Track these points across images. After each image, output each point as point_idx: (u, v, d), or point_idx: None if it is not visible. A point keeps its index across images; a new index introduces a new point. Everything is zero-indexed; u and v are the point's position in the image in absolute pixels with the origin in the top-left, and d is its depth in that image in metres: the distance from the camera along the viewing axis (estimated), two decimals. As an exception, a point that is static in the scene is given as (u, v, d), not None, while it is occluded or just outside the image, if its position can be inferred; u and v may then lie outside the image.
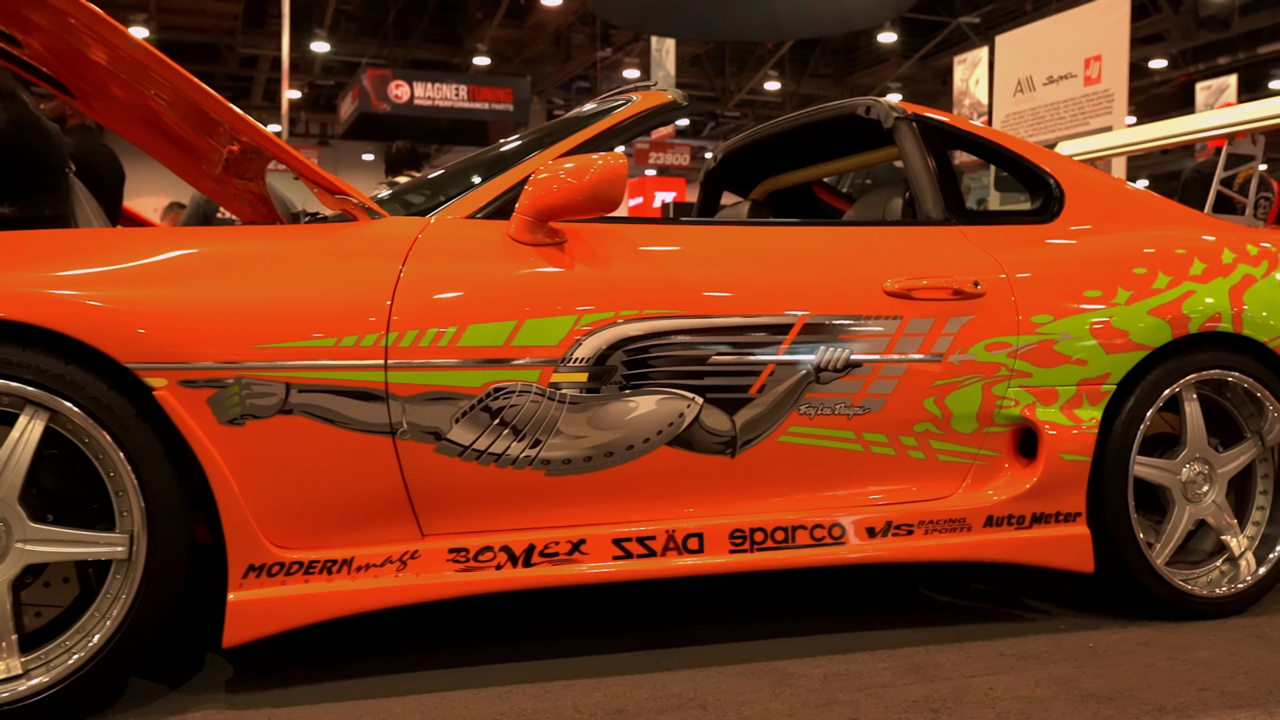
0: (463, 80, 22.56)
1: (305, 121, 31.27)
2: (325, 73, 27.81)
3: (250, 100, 29.11)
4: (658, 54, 20.89)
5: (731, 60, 27.01)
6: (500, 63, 26.37)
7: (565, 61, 26.19)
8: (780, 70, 26.98)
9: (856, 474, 2.55)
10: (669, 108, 2.67)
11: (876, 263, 2.60)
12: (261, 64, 27.35)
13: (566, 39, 25.81)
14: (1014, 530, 2.63)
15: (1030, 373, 2.64)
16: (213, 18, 23.86)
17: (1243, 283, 2.87)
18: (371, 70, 22.06)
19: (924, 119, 2.89)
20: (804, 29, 19.02)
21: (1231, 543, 2.90)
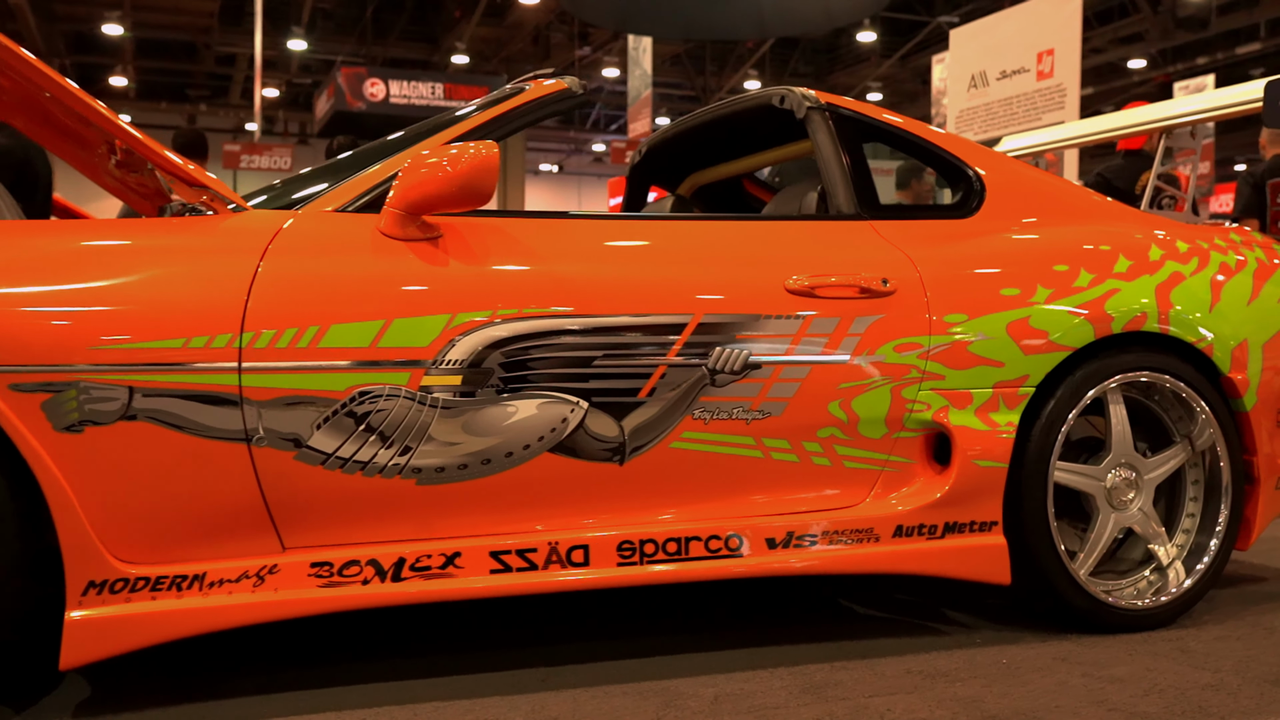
0: (439, 79, 22.40)
1: (284, 120, 31.06)
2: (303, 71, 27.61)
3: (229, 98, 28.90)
4: (634, 52, 20.80)
5: (712, 59, 26.92)
6: (479, 61, 26.23)
7: (544, 60, 26.05)
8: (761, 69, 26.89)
9: (756, 482, 2.41)
10: (561, 97, 2.54)
11: (778, 259, 2.47)
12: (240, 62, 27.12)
13: (545, 38, 25.68)
14: (925, 540, 2.50)
15: (943, 375, 2.51)
16: (190, 15, 23.65)
17: (1170, 280, 2.75)
18: (346, 68, 21.90)
19: (837, 109, 2.76)
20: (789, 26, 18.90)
21: (1159, 552, 2.78)
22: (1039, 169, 2.94)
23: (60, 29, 23.82)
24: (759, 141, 3.32)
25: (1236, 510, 2.80)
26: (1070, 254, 2.70)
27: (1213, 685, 2.29)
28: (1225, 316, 2.79)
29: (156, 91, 28.38)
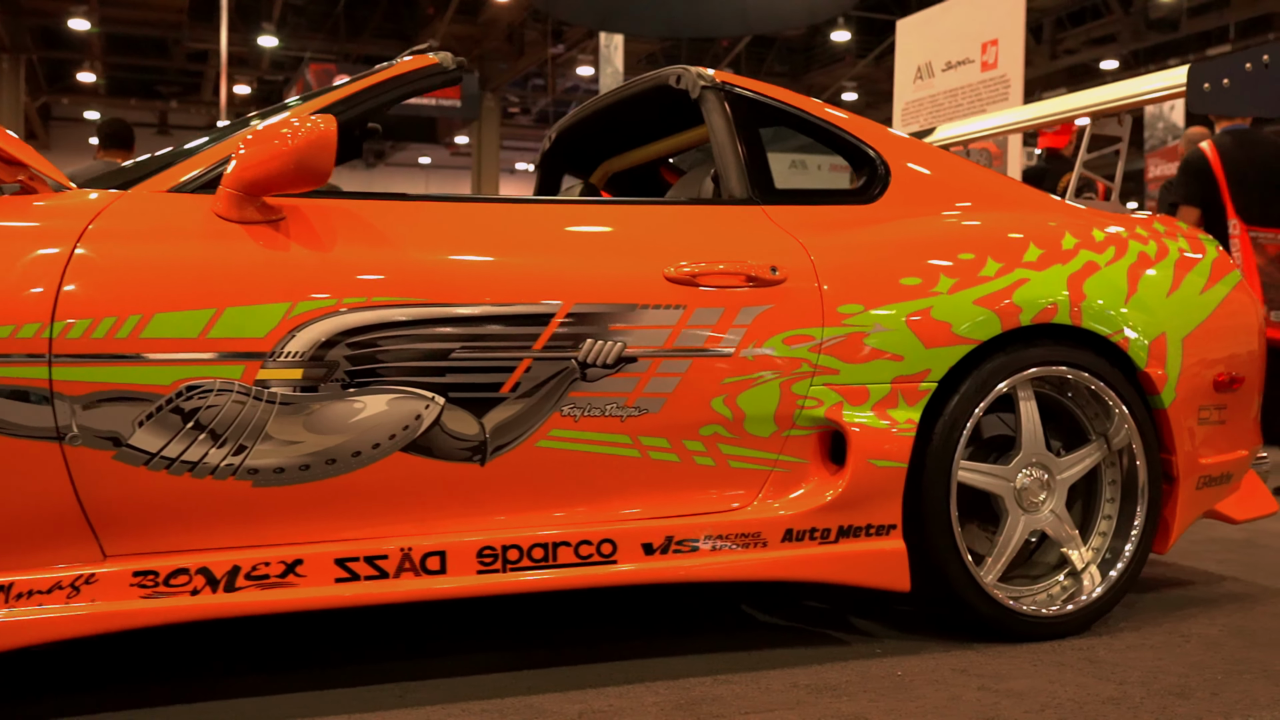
0: (407, 75, 22.12)
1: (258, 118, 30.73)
2: (275, 68, 27.35)
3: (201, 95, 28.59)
4: (606, 50, 20.61)
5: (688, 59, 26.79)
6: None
7: (518, 58, 25.89)
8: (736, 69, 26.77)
9: (632, 483, 2.26)
10: (431, 72, 2.39)
11: (659, 246, 2.31)
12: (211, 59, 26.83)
13: (520, 35, 25.51)
14: (818, 545, 2.35)
15: (837, 369, 2.36)
16: (159, 10, 23.37)
17: (1084, 270, 2.61)
18: (315, 65, 21.69)
19: (733, 88, 2.61)
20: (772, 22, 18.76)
21: (1073, 556, 2.63)
22: (951, 154, 2.79)
23: (26, 23, 23.52)
24: (668, 125, 3.17)
25: (1154, 512, 2.66)
26: (977, 242, 2.55)
27: (1114, 699, 2.14)
28: (1143, 308, 2.66)
29: (126, 88, 28.10)
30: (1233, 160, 4.87)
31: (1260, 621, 2.71)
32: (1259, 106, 3.00)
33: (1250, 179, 4.84)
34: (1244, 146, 4.92)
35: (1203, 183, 4.89)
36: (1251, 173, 4.85)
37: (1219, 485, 2.82)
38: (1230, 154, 4.89)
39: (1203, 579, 3.18)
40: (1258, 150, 4.91)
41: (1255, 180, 4.83)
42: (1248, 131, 5.00)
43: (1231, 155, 4.88)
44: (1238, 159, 4.87)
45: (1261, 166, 4.87)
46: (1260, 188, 4.83)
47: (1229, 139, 4.95)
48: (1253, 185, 4.82)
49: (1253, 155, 4.89)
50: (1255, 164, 4.87)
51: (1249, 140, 4.95)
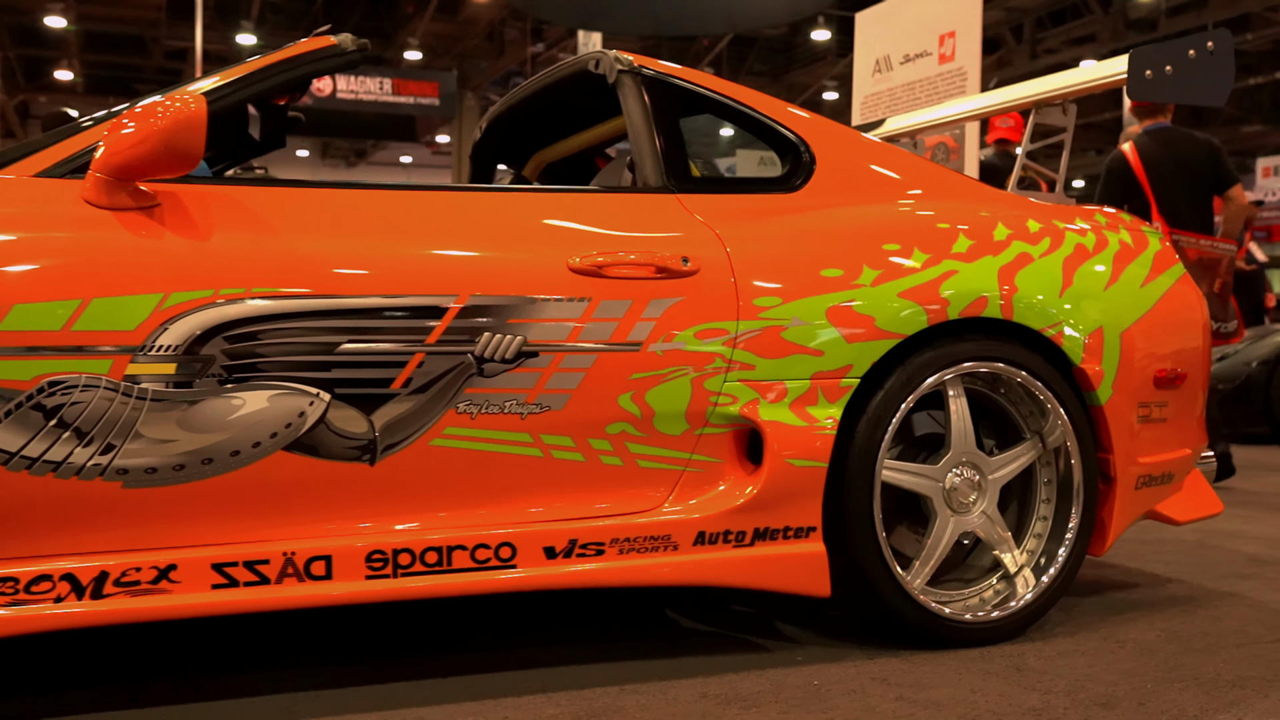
0: (387, 74, 22.08)
1: (237, 117, 30.54)
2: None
3: (179, 95, 28.32)
4: (584, 48, 20.51)
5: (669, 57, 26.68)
6: (433, 58, 25.89)
7: (499, 57, 25.76)
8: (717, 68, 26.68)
9: (534, 484, 2.15)
10: (328, 53, 2.29)
11: (564, 236, 2.21)
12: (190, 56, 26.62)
13: (500, 34, 25.40)
14: (732, 549, 2.25)
15: (753, 364, 2.26)
16: (136, 8, 23.21)
17: (1016, 262, 2.51)
18: (292, 62, 21.47)
19: (650, 72, 2.50)
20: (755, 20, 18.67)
21: (1006, 559, 2.54)
22: (883, 143, 2.70)
23: (2, 20, 23.32)
24: (599, 112, 3.07)
25: (1089, 513, 2.57)
26: (903, 232, 2.46)
27: (1037, 709, 2.05)
28: (1079, 302, 2.56)
29: (105, 86, 27.87)
30: (1153, 160, 4.75)
31: (1199, 626, 2.62)
32: (1202, 94, 2.91)
33: (1171, 179, 4.73)
34: (1165, 146, 4.80)
35: (1124, 185, 4.79)
36: (1172, 172, 4.73)
37: (1160, 485, 2.73)
38: (1151, 154, 4.77)
39: (1148, 581, 3.09)
40: (1179, 149, 4.79)
41: (1175, 179, 4.72)
42: (1169, 130, 4.89)
43: (1152, 155, 4.77)
44: (1159, 159, 4.76)
45: (1181, 163, 4.74)
46: (1180, 188, 4.71)
47: (1149, 139, 4.83)
48: (1174, 185, 4.71)
49: (1174, 154, 4.77)
50: (1175, 161, 4.75)
51: (1170, 139, 4.83)
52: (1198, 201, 4.76)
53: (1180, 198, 4.73)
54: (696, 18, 17.64)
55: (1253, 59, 21.65)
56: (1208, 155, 4.79)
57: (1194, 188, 4.77)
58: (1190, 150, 4.80)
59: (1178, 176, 4.75)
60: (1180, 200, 4.73)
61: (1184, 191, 4.74)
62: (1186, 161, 4.77)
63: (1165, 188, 4.75)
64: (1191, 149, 4.80)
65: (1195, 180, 4.77)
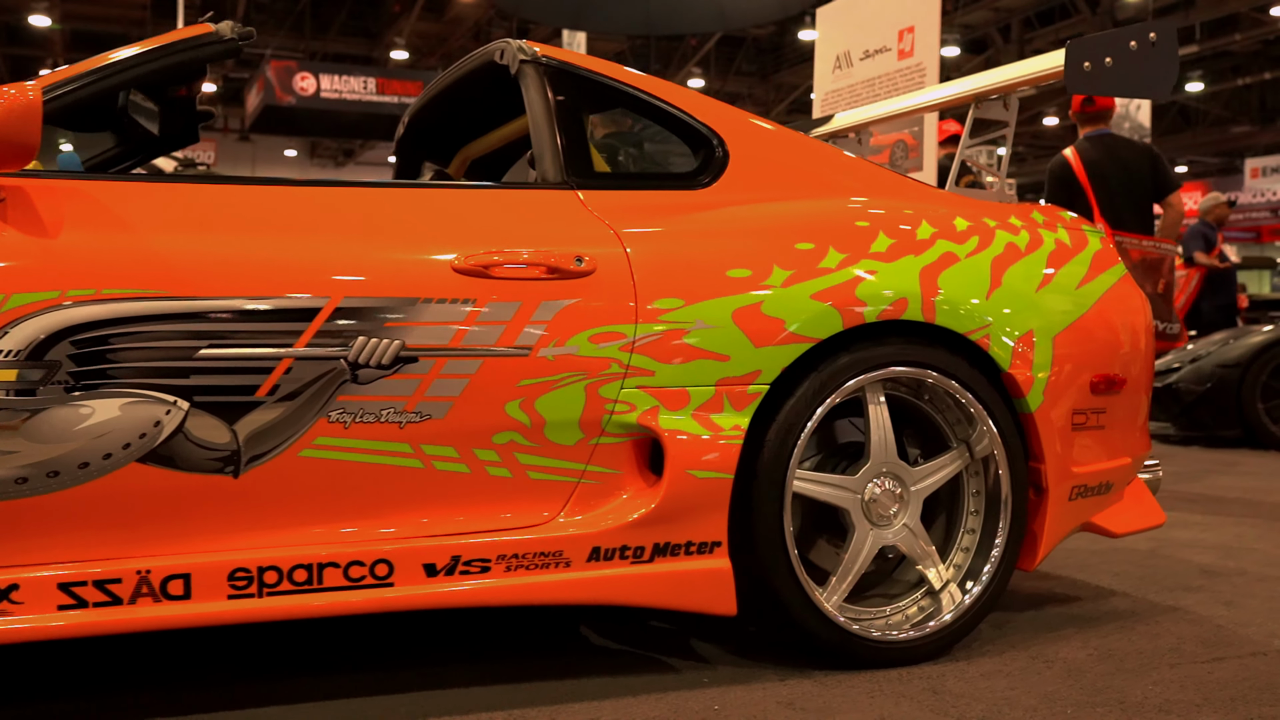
0: (372, 73, 21.94)
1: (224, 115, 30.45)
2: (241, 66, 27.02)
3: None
4: (569, 48, 20.41)
5: (657, 58, 26.59)
6: (419, 57, 25.77)
7: (485, 57, 25.56)
8: (705, 68, 26.57)
9: (414, 497, 2.03)
10: (204, 40, 2.16)
11: (449, 233, 2.09)
12: (176, 57, 26.43)
13: (486, 33, 25.28)
14: (629, 565, 2.13)
15: (652, 370, 2.14)
16: (121, 7, 23.10)
17: (940, 262, 2.39)
18: (276, 61, 21.38)
19: (553, 62, 2.38)
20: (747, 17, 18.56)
21: (930, 574, 2.42)
22: (806, 137, 2.57)
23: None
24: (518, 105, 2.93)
25: (1018, 526, 2.45)
26: (818, 230, 2.33)
27: (945, 737, 1.93)
28: (1007, 304, 2.44)
29: (90, 86, 27.70)
30: (1095, 165, 4.83)
31: (1135, 643, 2.50)
32: (1144, 88, 2.79)
33: (1112, 182, 4.80)
34: (1106, 151, 4.88)
35: (1068, 189, 4.85)
36: (1114, 176, 4.81)
37: (1097, 496, 2.61)
38: (1092, 159, 4.84)
39: (1091, 594, 2.97)
40: (1119, 153, 4.87)
41: (1117, 183, 4.80)
42: (1110, 136, 4.98)
43: (1093, 160, 4.84)
44: (1100, 163, 4.83)
45: (1122, 168, 4.83)
46: (1122, 192, 4.80)
47: (1089, 144, 4.90)
48: (1115, 188, 4.79)
49: (1115, 158, 4.85)
50: (1117, 166, 4.83)
51: (1111, 144, 4.91)
52: (1138, 206, 4.91)
53: (1121, 201, 4.83)
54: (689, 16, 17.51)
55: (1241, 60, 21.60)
56: (1148, 161, 4.91)
57: (1134, 192, 4.89)
58: (1130, 156, 4.92)
59: (1119, 181, 4.85)
60: (1121, 204, 4.83)
61: (1125, 195, 4.85)
62: (1127, 167, 4.87)
63: (1107, 191, 4.84)
64: (1132, 155, 4.93)
65: (1136, 185, 4.88)
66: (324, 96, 21.11)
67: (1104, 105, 5.08)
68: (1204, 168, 30.30)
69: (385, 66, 25.11)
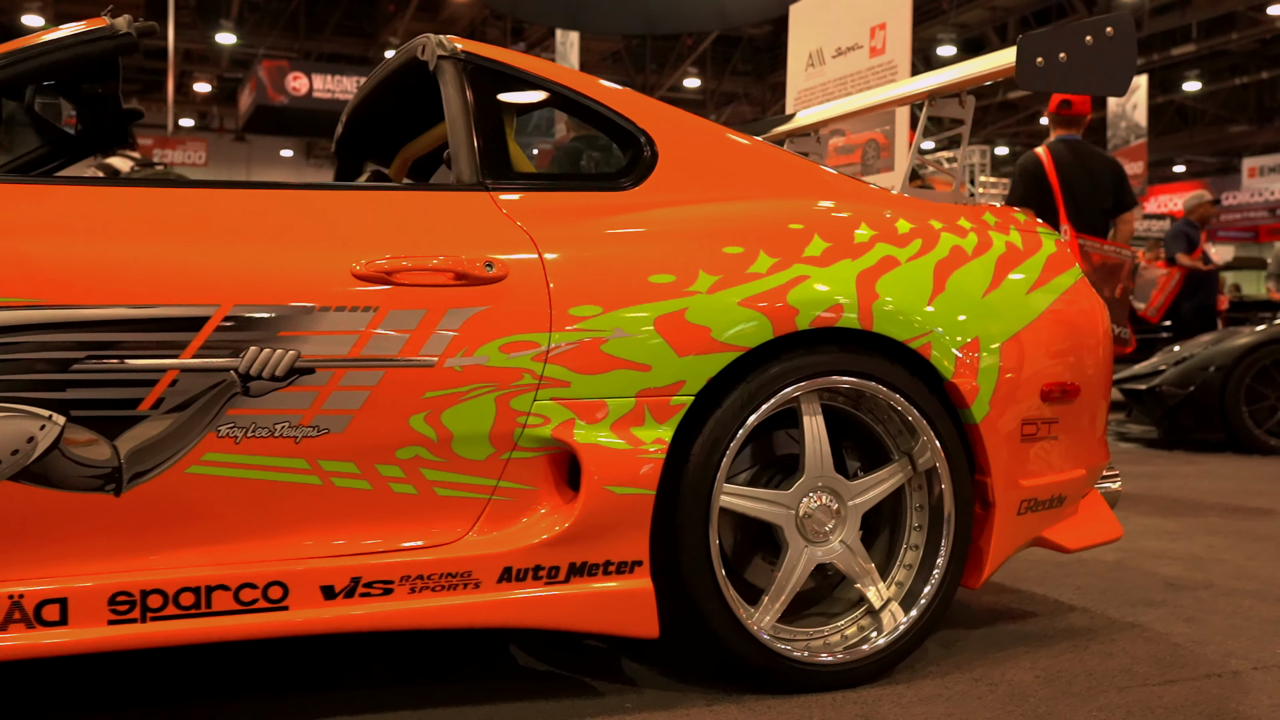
0: (365, 72, 21.79)
1: (219, 115, 30.40)
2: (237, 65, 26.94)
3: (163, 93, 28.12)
4: (562, 48, 20.30)
5: (653, 58, 26.54)
6: (414, 57, 25.67)
7: (480, 57, 25.54)
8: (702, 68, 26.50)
9: (311, 515, 1.93)
10: (98, 35, 2.07)
11: (350, 238, 1.98)
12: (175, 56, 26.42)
13: (481, 33, 25.25)
14: (544, 586, 2.02)
15: (567, 381, 2.03)
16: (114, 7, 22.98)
17: (880, 266, 2.29)
18: (268, 61, 21.30)
19: (473, 57, 2.27)
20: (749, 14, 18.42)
21: (869, 593, 2.32)
22: (742, 136, 2.46)
23: (-20, 20, 23.14)
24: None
25: (962, 542, 2.35)
26: (749, 234, 2.23)
27: (868, 770, 1.82)
28: (951, 310, 2.34)
29: (85, 86, 27.65)
30: (1066, 167, 4.87)
31: (1086, 663, 2.40)
32: (1100, 84, 2.69)
33: (1079, 187, 4.86)
34: (1076, 155, 4.93)
35: (1038, 187, 4.88)
36: (1080, 181, 4.87)
37: (1048, 510, 2.50)
38: (1064, 160, 4.88)
39: (1049, 610, 2.86)
40: (1088, 160, 4.93)
41: (1083, 189, 4.86)
42: (1081, 143, 5.03)
43: (1065, 162, 4.88)
44: (1070, 166, 4.88)
45: (1089, 176, 4.89)
46: (1087, 197, 4.86)
47: (1063, 146, 4.95)
48: (1081, 193, 4.85)
49: (1083, 164, 4.91)
50: (1085, 172, 4.89)
51: (1081, 150, 4.96)
52: (1102, 212, 4.95)
53: (1085, 206, 4.88)
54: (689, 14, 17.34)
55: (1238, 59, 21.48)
56: (1112, 176, 4.97)
57: (1097, 200, 4.94)
58: (1097, 166, 4.97)
59: (1084, 186, 4.90)
60: (1085, 208, 4.88)
61: (1089, 201, 4.90)
62: (1093, 175, 4.93)
63: (1073, 194, 4.89)
64: (1098, 165, 4.99)
65: (1100, 194, 4.94)
66: (316, 96, 21.03)
67: (1080, 111, 5.08)
68: (1201, 167, 30.17)
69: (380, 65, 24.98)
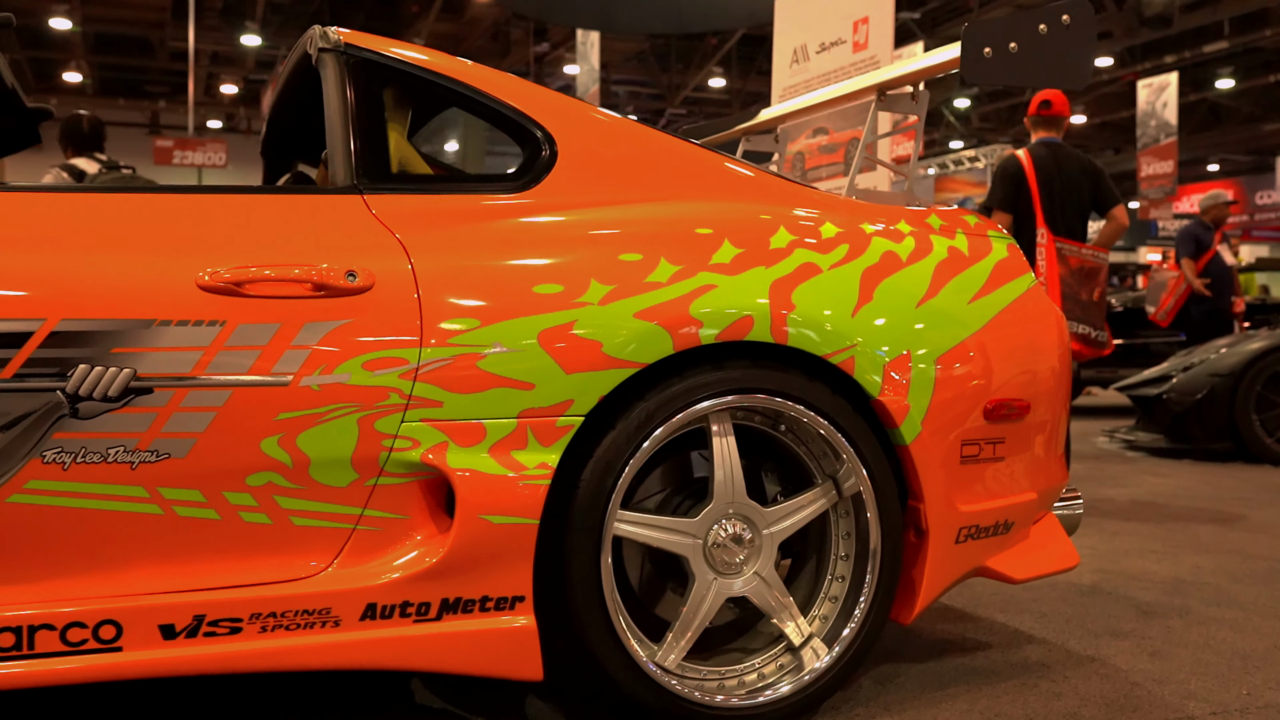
0: (385, 74, 21.74)
1: (246, 117, 30.48)
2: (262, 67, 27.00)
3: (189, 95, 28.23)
4: (583, 47, 20.20)
5: (677, 57, 26.35)
6: (437, 58, 25.63)
7: (504, 57, 25.54)
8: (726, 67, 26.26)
9: (151, 547, 1.77)
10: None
11: (197, 246, 1.82)
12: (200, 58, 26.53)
13: (505, 34, 25.17)
14: (412, 624, 1.86)
15: (440, 401, 1.86)
16: (139, 9, 23.11)
17: (798, 274, 2.10)
18: (289, 62, 21.26)
19: (355, 50, 2.11)
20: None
21: (788, 629, 2.14)
22: (654, 132, 2.28)
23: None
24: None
25: (890, 574, 2.17)
26: (649, 239, 2.05)
27: (752, 834, 1.64)
28: (879, 321, 2.15)
29: (114, 88, 27.86)
30: (1045, 170, 4.83)
31: (1029, 707, 2.20)
32: (1054, 76, 2.49)
33: (1057, 190, 4.81)
34: (1055, 157, 4.88)
35: (1017, 189, 4.82)
36: (1059, 184, 4.82)
37: (992, 537, 2.31)
38: (1043, 164, 4.84)
39: (1004, 640, 2.67)
40: (1067, 164, 4.88)
41: (1061, 192, 4.81)
42: (1060, 144, 4.97)
43: (1044, 165, 4.84)
44: (1049, 169, 4.84)
45: (1067, 179, 4.84)
46: (1065, 200, 4.80)
47: (1044, 149, 4.91)
48: (1058, 196, 4.79)
49: (1062, 167, 4.85)
50: (1063, 176, 4.84)
51: (1060, 153, 4.91)
52: (1079, 216, 4.83)
53: (1061, 209, 4.78)
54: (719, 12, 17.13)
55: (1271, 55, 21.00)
56: (1090, 178, 4.86)
57: (1075, 204, 4.83)
58: (1075, 169, 4.87)
59: (1062, 189, 4.81)
60: (1060, 211, 4.77)
61: (1066, 204, 4.80)
62: (1071, 178, 4.85)
63: (1051, 197, 4.80)
64: (1076, 168, 4.88)
65: (1077, 197, 4.84)
66: (338, 97, 20.94)
67: (1060, 111, 4.94)
68: (1235, 166, 29.58)
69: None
